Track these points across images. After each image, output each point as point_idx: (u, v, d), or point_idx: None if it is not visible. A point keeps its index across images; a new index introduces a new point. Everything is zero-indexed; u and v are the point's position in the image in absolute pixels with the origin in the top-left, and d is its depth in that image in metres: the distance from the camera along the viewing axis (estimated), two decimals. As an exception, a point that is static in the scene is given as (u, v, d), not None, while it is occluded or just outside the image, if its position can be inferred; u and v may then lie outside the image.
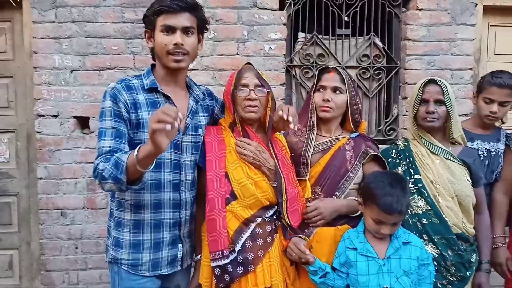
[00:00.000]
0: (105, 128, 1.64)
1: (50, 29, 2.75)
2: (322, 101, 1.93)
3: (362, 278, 1.72)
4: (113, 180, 1.51)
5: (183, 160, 1.78)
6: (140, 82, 1.75)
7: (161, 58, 1.73)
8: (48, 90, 2.77)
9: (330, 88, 1.93)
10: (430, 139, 2.00)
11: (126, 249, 1.73)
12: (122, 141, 1.63)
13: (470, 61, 2.93)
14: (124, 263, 1.73)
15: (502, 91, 2.21)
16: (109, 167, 1.51)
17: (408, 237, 1.80)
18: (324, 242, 1.85)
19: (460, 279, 1.93)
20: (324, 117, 1.95)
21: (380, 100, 3.06)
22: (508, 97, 2.22)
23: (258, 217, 1.77)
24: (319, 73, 2.01)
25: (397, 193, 1.66)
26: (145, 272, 1.73)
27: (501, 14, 3.05)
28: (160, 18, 1.68)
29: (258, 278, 1.72)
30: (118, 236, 1.74)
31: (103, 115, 1.66)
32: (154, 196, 1.71)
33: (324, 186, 1.90)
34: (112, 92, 1.67)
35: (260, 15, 2.81)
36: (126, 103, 1.67)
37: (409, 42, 2.90)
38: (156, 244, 1.74)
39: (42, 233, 2.85)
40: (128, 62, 2.79)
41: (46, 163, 2.80)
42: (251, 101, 1.78)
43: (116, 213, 1.76)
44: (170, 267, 1.78)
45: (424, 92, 1.96)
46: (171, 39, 1.68)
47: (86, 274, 2.88)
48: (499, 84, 2.20)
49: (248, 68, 1.87)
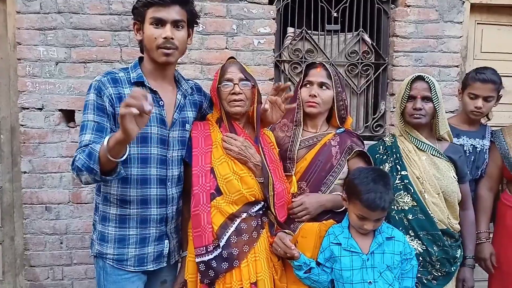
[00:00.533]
0: (87, 121, 1.62)
1: (34, 20, 2.69)
2: (308, 96, 1.93)
3: (346, 273, 1.74)
4: (86, 170, 1.49)
5: (170, 155, 1.75)
6: (127, 75, 1.72)
7: (150, 52, 1.70)
8: (32, 82, 2.72)
9: (316, 83, 1.93)
10: (417, 135, 2.02)
11: (112, 244, 1.71)
12: (102, 136, 1.59)
13: (457, 58, 2.96)
14: (109, 257, 1.71)
15: (485, 86, 2.24)
16: (83, 157, 1.50)
17: (392, 232, 1.82)
18: (309, 237, 1.86)
19: (445, 274, 1.96)
20: (311, 112, 1.95)
21: (368, 96, 3.07)
22: (491, 92, 2.25)
23: (243, 213, 1.76)
24: (306, 68, 2.01)
25: (380, 189, 1.68)
26: (131, 268, 1.72)
27: (488, 12, 3.08)
28: (150, 10, 1.65)
29: (243, 273, 1.71)
30: (103, 231, 1.73)
31: (86, 108, 1.63)
32: (141, 191, 1.70)
33: (309, 181, 1.91)
34: (97, 85, 1.65)
35: (249, 9, 2.80)
36: (111, 96, 1.64)
37: (397, 39, 2.91)
38: (142, 239, 1.72)
39: (26, 228, 2.80)
40: (115, 55, 2.75)
41: (30, 157, 2.75)
42: (235, 95, 1.77)
43: (101, 208, 1.74)
44: (156, 263, 1.77)
45: (411, 88, 1.97)
46: (161, 32, 1.65)
47: (71, 269, 2.85)
48: (482, 80, 2.24)
49: (232, 62, 1.86)
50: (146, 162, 1.69)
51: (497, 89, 2.27)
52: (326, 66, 1.98)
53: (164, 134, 1.73)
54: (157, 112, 1.71)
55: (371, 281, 1.71)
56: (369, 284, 1.71)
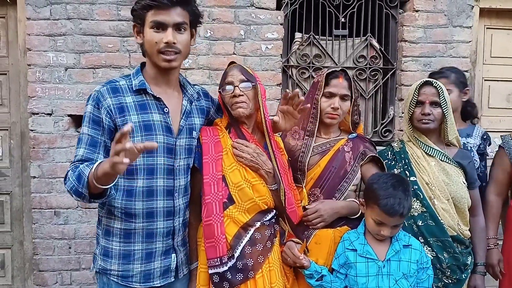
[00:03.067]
0: (82, 134, 1.58)
1: (44, 26, 2.71)
2: (330, 108, 1.89)
3: (361, 279, 1.72)
4: (75, 193, 1.47)
5: (177, 165, 1.68)
6: (129, 82, 1.65)
7: (151, 56, 1.62)
8: (42, 88, 2.74)
9: (339, 95, 1.89)
10: (425, 141, 2.00)
11: (116, 260, 1.63)
12: (95, 150, 1.55)
13: (466, 63, 2.93)
14: (113, 274, 1.63)
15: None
16: (72, 179, 1.46)
17: (409, 240, 1.80)
18: (324, 243, 1.84)
19: (455, 281, 1.94)
20: (331, 124, 1.93)
21: (377, 101, 3.06)
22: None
23: (257, 221, 1.72)
24: (327, 77, 1.93)
25: (399, 195, 1.66)
26: (136, 284, 1.63)
27: (497, 16, 3.06)
28: (149, 13, 1.56)
29: (258, 285, 1.67)
30: (107, 246, 1.65)
31: (84, 120, 1.60)
32: (147, 204, 1.62)
33: (323, 188, 1.89)
34: (95, 96, 1.60)
35: (257, 15, 2.80)
36: (109, 108, 1.57)
37: (406, 44, 2.90)
38: (148, 254, 1.64)
39: (35, 233, 2.81)
40: (124, 61, 2.77)
41: (39, 162, 2.77)
42: (236, 98, 1.72)
43: (105, 221, 1.66)
44: (163, 279, 1.68)
45: (420, 93, 1.96)
46: (162, 36, 1.56)
47: (80, 274, 2.85)
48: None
49: (233, 66, 1.82)
50: (152, 173, 1.62)
51: (452, 83, 2.36)
52: (347, 74, 1.94)
53: (170, 143, 1.65)
54: (161, 119, 1.64)
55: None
56: None
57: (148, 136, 1.60)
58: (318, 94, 1.93)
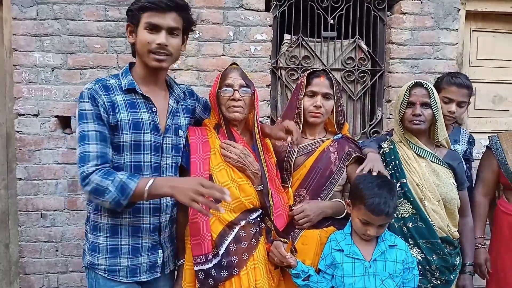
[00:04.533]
0: (87, 131, 1.59)
1: (31, 26, 2.68)
2: (313, 107, 1.92)
3: (348, 280, 1.73)
4: (115, 203, 1.51)
5: (164, 162, 1.73)
6: (118, 82, 1.69)
7: (142, 56, 1.67)
8: (28, 89, 2.70)
9: (321, 94, 1.93)
10: (416, 142, 2.02)
11: (103, 254, 1.67)
12: (107, 145, 1.60)
13: (453, 65, 2.96)
14: (101, 268, 1.67)
15: (461, 90, 2.24)
16: (114, 191, 1.50)
17: (394, 240, 1.82)
18: (310, 244, 1.86)
19: (444, 282, 1.95)
20: (314, 122, 1.95)
21: (365, 103, 3.07)
22: (465, 97, 2.26)
23: (242, 220, 1.75)
24: (308, 77, 1.99)
25: (384, 194, 1.69)
26: (123, 278, 1.68)
27: (483, 19, 3.10)
28: (145, 14, 1.61)
29: (243, 281, 1.70)
30: (94, 241, 1.69)
31: (84, 117, 1.60)
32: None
33: (309, 188, 1.91)
34: (90, 94, 1.62)
35: (246, 16, 2.80)
36: (105, 104, 1.61)
37: (393, 46, 2.92)
38: (134, 249, 1.68)
39: (21, 235, 2.77)
40: (111, 61, 2.75)
41: (25, 163, 2.73)
42: (235, 102, 1.77)
43: (92, 217, 1.71)
44: (150, 274, 1.73)
45: (410, 94, 1.97)
46: (155, 38, 1.61)
47: (67, 277, 2.82)
48: (458, 84, 2.24)
49: (234, 68, 1.86)
50: (139, 170, 1.65)
51: (470, 95, 2.29)
52: (328, 74, 1.97)
53: (157, 141, 1.70)
54: (150, 118, 1.69)
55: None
56: None
57: (137, 133, 1.65)
58: (301, 94, 1.97)
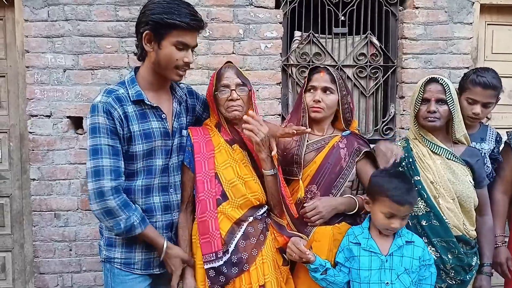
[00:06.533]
0: (101, 145, 1.61)
1: (42, 28, 2.70)
2: (312, 101, 1.92)
3: (364, 273, 1.74)
4: (128, 227, 1.64)
5: (171, 163, 1.79)
6: (126, 92, 1.70)
7: (164, 69, 1.68)
8: (40, 90, 2.73)
9: (320, 88, 1.93)
10: (431, 138, 1.97)
11: (119, 249, 1.74)
12: (119, 158, 1.65)
13: (468, 59, 2.91)
14: (117, 261, 1.75)
15: (486, 92, 2.11)
16: (123, 227, 1.63)
17: (411, 237, 1.82)
18: (323, 240, 1.85)
19: (459, 282, 1.91)
20: (316, 117, 1.95)
21: (377, 99, 3.04)
22: (491, 98, 2.13)
23: (250, 216, 1.78)
24: (309, 73, 2.00)
25: (406, 185, 1.72)
26: (138, 271, 1.75)
27: (498, 12, 3.04)
28: (175, 32, 1.61)
29: (252, 277, 1.73)
30: (110, 237, 1.76)
31: (97, 131, 1.62)
32: (145, 200, 1.74)
33: (320, 185, 1.90)
34: (105, 108, 1.63)
35: (256, 14, 2.78)
36: (120, 117, 1.65)
37: (406, 41, 2.88)
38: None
39: (36, 235, 2.80)
40: (122, 61, 2.76)
41: (39, 164, 2.76)
42: (233, 102, 1.78)
43: None
44: (162, 267, 1.79)
45: (425, 91, 1.93)
46: (183, 56, 1.66)
47: (80, 276, 2.84)
48: (483, 85, 2.10)
49: (228, 67, 1.84)
50: (150, 173, 1.73)
51: (498, 94, 2.16)
52: (330, 70, 1.96)
53: (168, 145, 1.78)
54: (160, 126, 1.74)
55: (388, 282, 1.71)
56: (386, 285, 1.71)
57: (149, 142, 1.71)
58: (304, 90, 1.98)
